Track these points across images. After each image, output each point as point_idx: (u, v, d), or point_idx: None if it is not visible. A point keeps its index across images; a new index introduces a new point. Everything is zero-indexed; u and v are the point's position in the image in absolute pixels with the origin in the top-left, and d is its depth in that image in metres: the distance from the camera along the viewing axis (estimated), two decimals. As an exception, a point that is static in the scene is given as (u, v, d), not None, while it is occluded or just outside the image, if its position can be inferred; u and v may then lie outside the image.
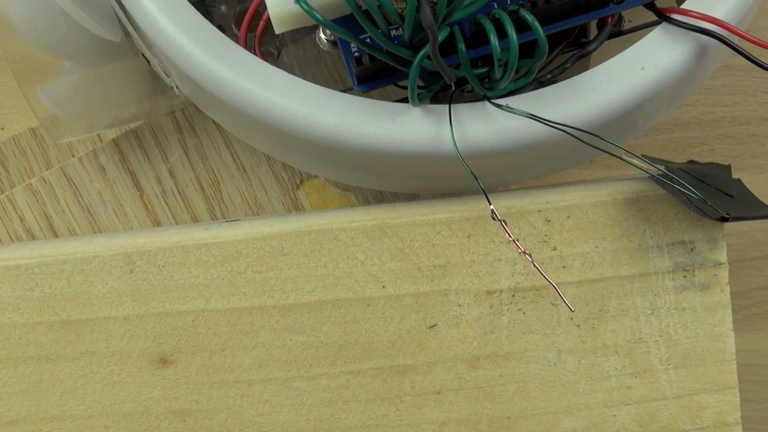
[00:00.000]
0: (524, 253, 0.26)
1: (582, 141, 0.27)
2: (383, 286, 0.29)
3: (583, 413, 0.29)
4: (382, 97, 0.29)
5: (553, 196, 0.30)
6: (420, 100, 0.28)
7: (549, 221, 0.29)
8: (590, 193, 0.30)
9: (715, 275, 0.30)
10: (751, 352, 0.31)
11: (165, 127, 0.37)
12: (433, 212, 0.29)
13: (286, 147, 0.30)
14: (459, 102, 0.28)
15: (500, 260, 0.29)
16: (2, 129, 0.38)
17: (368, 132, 0.27)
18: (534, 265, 0.26)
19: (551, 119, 0.27)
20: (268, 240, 0.29)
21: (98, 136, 0.37)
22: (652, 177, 0.29)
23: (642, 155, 0.29)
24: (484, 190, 0.27)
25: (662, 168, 0.29)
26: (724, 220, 0.27)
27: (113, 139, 0.36)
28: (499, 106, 0.27)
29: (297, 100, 0.28)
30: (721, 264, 0.30)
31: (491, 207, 0.26)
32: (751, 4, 0.28)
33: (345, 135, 0.27)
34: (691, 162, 0.32)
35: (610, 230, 0.29)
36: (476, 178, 0.26)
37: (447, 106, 0.28)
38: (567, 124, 0.27)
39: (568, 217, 0.29)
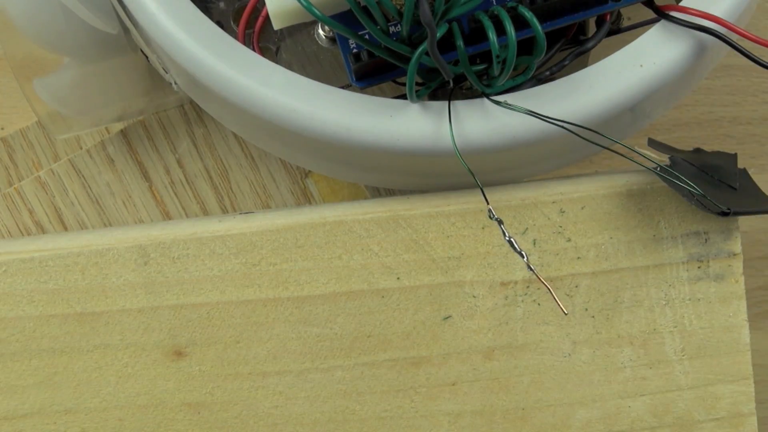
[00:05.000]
0: (519, 253, 0.26)
1: (581, 137, 0.28)
2: (398, 278, 0.30)
3: (597, 404, 0.30)
4: (381, 94, 0.30)
5: (567, 187, 0.30)
6: (418, 97, 0.28)
7: (563, 212, 0.30)
8: (604, 184, 0.30)
9: (729, 266, 0.30)
10: (751, 351, 0.32)
11: (173, 117, 0.38)
12: (448, 203, 0.30)
13: (285, 143, 0.31)
14: (457, 99, 0.29)
15: (515, 251, 0.30)
16: (2, 129, 0.39)
17: (366, 128, 0.28)
18: (529, 267, 0.26)
19: (550, 116, 0.27)
20: (283, 232, 0.30)
21: (106, 127, 0.38)
22: (654, 170, 0.29)
23: (649, 138, 0.29)
24: (481, 189, 0.28)
25: (667, 158, 0.30)
26: (724, 214, 0.28)
27: (121, 130, 0.37)
28: (497, 102, 0.28)
29: (295, 97, 0.29)
30: (735, 254, 0.30)
31: (489, 207, 0.27)
32: (749, 1, 0.29)
33: (343, 131, 0.28)
34: (697, 151, 0.33)
35: (625, 221, 0.30)
36: (474, 176, 0.27)
37: (445, 102, 0.29)
38: (566, 120, 0.27)
39: (583, 208, 0.30)
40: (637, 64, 0.29)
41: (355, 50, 0.29)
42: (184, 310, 0.30)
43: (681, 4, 0.29)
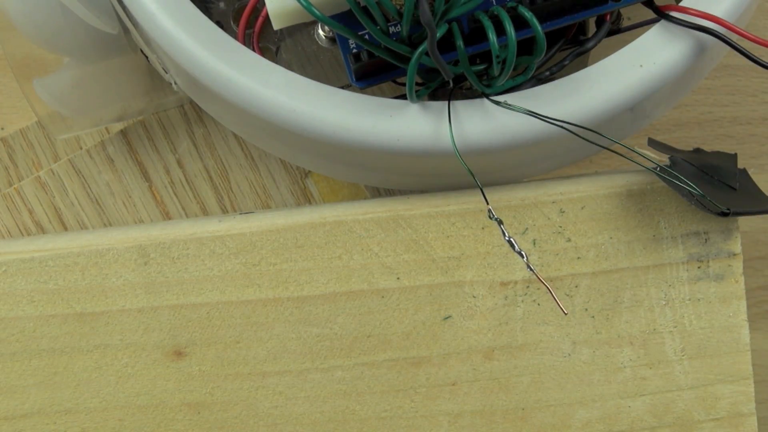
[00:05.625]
0: (519, 253, 0.26)
1: (581, 137, 0.28)
2: (398, 278, 0.30)
3: (597, 404, 0.30)
4: (381, 94, 0.30)
5: (567, 187, 0.30)
6: (418, 97, 0.28)
7: (563, 212, 0.30)
8: (604, 184, 0.31)
9: (729, 266, 0.31)
10: (751, 351, 0.32)
11: (173, 117, 0.38)
12: (448, 204, 0.30)
13: (285, 143, 0.31)
14: (457, 99, 0.29)
15: (514, 251, 0.30)
16: (2, 129, 0.39)
17: (366, 129, 0.29)
18: (529, 266, 0.27)
19: (550, 116, 0.27)
20: (283, 232, 0.30)
21: (106, 127, 0.38)
22: (653, 170, 0.29)
23: (648, 138, 0.29)
24: (481, 189, 0.28)
25: (667, 158, 0.30)
26: (723, 215, 0.28)
27: (121, 130, 0.37)
28: (497, 102, 0.28)
29: (295, 97, 0.29)
30: (735, 255, 0.30)
31: (489, 207, 0.27)
32: (749, 2, 0.29)
33: (343, 132, 0.28)
34: (697, 151, 0.33)
35: (625, 221, 0.30)
36: (473, 176, 0.27)
37: (445, 102, 0.29)
38: (566, 120, 0.28)
39: (583, 208, 0.30)
40: (637, 64, 0.29)
41: (355, 50, 0.29)
42: (184, 310, 0.30)
43: (681, 4, 0.29)
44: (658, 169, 0.29)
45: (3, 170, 0.38)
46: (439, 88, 0.30)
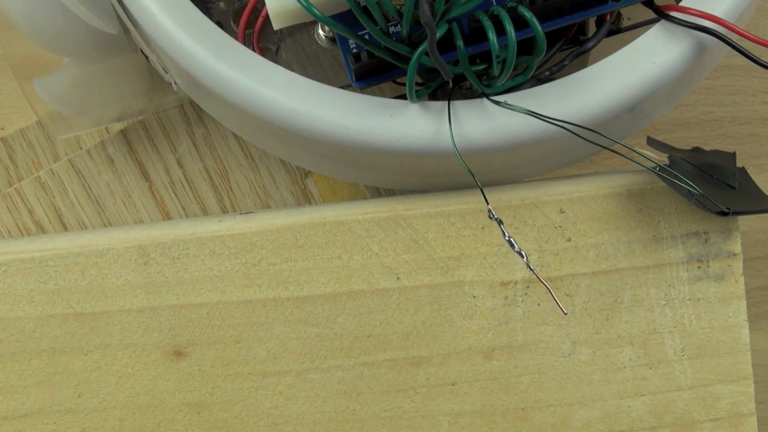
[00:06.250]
0: (519, 253, 0.26)
1: (581, 137, 0.28)
2: (398, 278, 0.30)
3: (597, 404, 0.30)
4: (381, 94, 0.30)
5: (567, 187, 0.30)
6: (418, 97, 0.28)
7: (563, 212, 0.30)
8: (605, 184, 0.31)
9: (729, 266, 0.31)
10: (751, 351, 0.32)
11: (173, 117, 0.38)
12: (448, 204, 0.30)
13: (285, 143, 0.31)
14: (457, 99, 0.29)
15: (515, 251, 0.30)
16: (2, 129, 0.39)
17: (366, 129, 0.29)
18: (529, 266, 0.27)
19: (550, 116, 0.27)
20: (283, 232, 0.30)
21: (106, 127, 0.38)
22: (653, 170, 0.29)
23: (648, 137, 0.29)
24: (481, 189, 0.28)
25: (666, 157, 0.30)
26: (723, 214, 0.28)
27: (121, 130, 0.37)
28: (497, 102, 0.28)
29: (295, 97, 0.29)
30: (735, 255, 0.30)
31: (489, 207, 0.27)
32: (749, 2, 0.29)
33: (343, 131, 0.29)
34: (696, 150, 0.33)
35: (625, 221, 0.30)
36: (474, 176, 0.27)
37: (445, 102, 0.29)
38: (566, 120, 0.28)
39: (583, 208, 0.30)
40: (637, 64, 0.29)
41: (355, 50, 0.29)
42: (183, 310, 0.30)
43: (681, 4, 0.29)
44: (658, 168, 0.29)
45: (3, 170, 0.38)
46: (439, 88, 0.30)
